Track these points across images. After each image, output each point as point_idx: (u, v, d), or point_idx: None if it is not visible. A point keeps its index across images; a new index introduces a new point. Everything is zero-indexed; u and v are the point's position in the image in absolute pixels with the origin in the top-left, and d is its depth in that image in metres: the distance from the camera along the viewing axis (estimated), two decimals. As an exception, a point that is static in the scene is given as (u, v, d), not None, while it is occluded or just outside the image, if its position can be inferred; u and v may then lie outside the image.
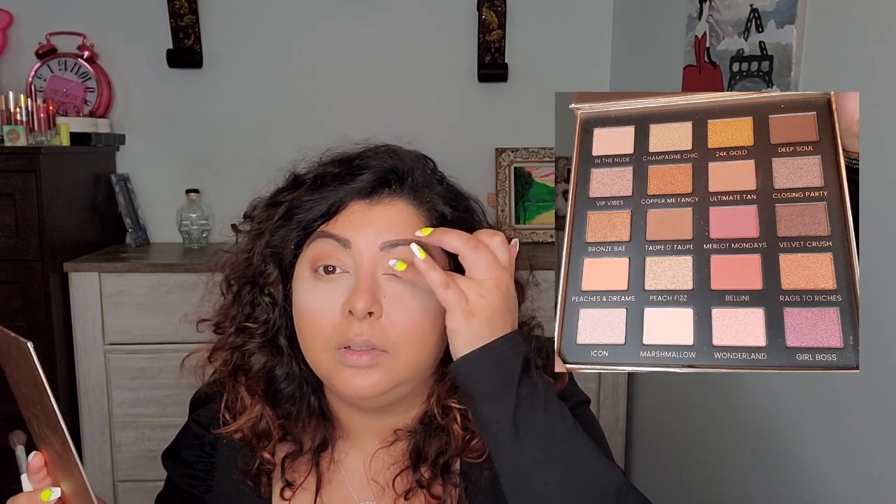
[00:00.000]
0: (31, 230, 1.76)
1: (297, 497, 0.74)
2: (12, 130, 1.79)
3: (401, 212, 0.67)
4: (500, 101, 2.26)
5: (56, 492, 0.64)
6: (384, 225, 0.66)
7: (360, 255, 0.65)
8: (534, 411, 0.60)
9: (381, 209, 0.67)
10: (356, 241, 0.65)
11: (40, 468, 0.64)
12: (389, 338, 0.65)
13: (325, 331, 0.65)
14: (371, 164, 0.68)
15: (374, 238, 0.65)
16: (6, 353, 0.62)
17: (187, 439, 0.80)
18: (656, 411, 1.93)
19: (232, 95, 2.22)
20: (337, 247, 0.66)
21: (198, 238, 2.14)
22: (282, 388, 0.71)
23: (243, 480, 0.74)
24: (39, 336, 1.80)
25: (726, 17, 1.44)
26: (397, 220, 0.66)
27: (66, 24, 2.13)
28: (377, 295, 0.64)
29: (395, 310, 0.65)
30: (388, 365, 0.65)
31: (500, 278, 0.61)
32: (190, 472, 0.79)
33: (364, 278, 0.64)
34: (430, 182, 0.71)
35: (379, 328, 0.64)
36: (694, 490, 1.64)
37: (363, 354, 0.64)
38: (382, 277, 0.65)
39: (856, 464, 1.06)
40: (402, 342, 0.65)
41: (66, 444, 0.58)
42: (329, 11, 2.20)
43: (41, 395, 0.57)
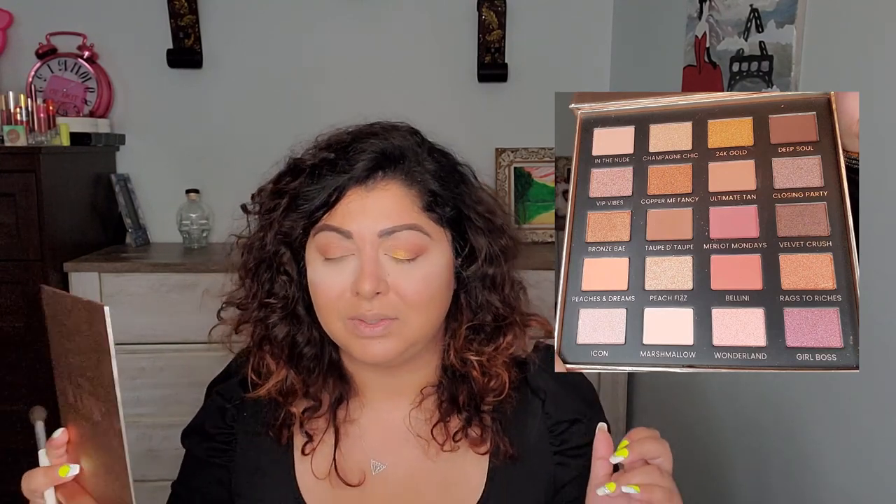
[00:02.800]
0: (31, 230, 1.76)
1: (316, 452, 0.80)
2: (12, 130, 1.79)
3: (394, 196, 0.71)
4: (500, 101, 2.26)
5: (74, 468, 0.64)
6: (380, 213, 0.71)
7: (362, 241, 0.70)
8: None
9: (376, 195, 0.71)
10: (356, 231, 0.70)
11: (62, 444, 0.65)
12: (398, 308, 0.71)
13: (338, 306, 0.72)
14: (364, 149, 0.72)
15: (372, 226, 0.70)
16: (62, 320, 0.62)
17: (210, 412, 0.84)
18: (656, 411, 1.93)
19: (232, 95, 2.22)
20: (340, 237, 0.71)
21: (198, 238, 2.14)
22: (304, 353, 0.78)
23: (266, 434, 0.79)
24: (39, 336, 1.80)
25: (726, 17, 1.44)
26: (392, 206, 0.71)
27: (66, 24, 2.14)
28: (381, 275, 0.70)
29: (399, 284, 0.71)
30: (399, 331, 0.72)
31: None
32: (213, 445, 0.83)
33: (367, 262, 0.70)
34: (420, 158, 0.74)
35: (387, 302, 0.71)
36: (694, 490, 1.64)
37: (376, 326, 0.71)
38: (384, 258, 0.71)
39: (856, 464, 1.06)
40: (410, 309, 0.71)
41: (112, 414, 0.58)
42: (329, 11, 2.20)
43: (99, 362, 0.57)
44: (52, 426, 0.67)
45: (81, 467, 0.65)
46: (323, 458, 0.79)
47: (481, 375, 0.77)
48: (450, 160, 0.78)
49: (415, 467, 0.79)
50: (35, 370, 1.81)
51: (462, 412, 0.77)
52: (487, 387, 0.77)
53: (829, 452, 1.12)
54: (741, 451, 1.41)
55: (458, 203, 0.75)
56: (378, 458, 0.80)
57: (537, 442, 0.80)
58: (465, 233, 0.76)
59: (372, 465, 0.79)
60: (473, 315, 0.77)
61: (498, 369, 0.77)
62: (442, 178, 0.74)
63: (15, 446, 1.83)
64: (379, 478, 0.79)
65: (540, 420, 0.81)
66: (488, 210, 0.78)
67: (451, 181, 0.75)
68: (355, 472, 0.79)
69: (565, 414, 0.80)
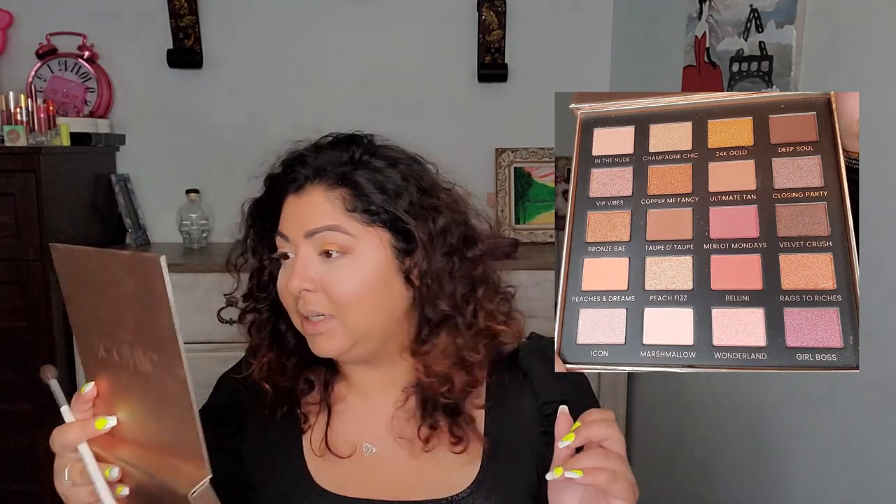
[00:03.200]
0: (31, 230, 1.76)
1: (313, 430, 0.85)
2: (12, 130, 1.79)
3: (317, 201, 0.77)
4: (500, 101, 2.26)
5: (112, 420, 0.65)
6: (305, 216, 0.77)
7: (295, 242, 0.77)
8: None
9: (303, 201, 0.78)
10: (290, 234, 0.78)
11: (91, 399, 0.66)
12: (329, 306, 0.76)
13: (288, 304, 0.79)
14: (302, 162, 0.80)
15: (299, 228, 0.77)
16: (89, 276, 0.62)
17: (221, 391, 0.90)
18: (656, 411, 1.93)
19: (232, 95, 2.22)
20: (282, 239, 0.79)
21: (198, 238, 2.14)
22: (288, 340, 0.85)
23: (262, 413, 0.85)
24: (39, 336, 1.80)
25: (726, 17, 1.44)
26: (314, 210, 0.77)
27: (67, 25, 2.13)
28: (308, 274, 0.76)
29: (327, 282, 0.76)
30: (337, 328, 0.77)
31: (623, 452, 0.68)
32: (222, 430, 0.87)
33: (297, 262, 0.76)
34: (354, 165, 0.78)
35: (318, 300, 0.76)
36: (694, 490, 1.64)
37: (316, 324, 0.77)
38: (316, 256, 0.76)
39: (855, 463, 1.06)
40: (341, 307, 0.76)
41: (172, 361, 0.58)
42: (329, 12, 2.20)
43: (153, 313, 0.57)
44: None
45: (118, 419, 0.65)
46: (318, 436, 0.84)
47: (425, 377, 0.79)
48: (394, 160, 0.80)
49: (407, 453, 0.81)
50: (35, 370, 1.80)
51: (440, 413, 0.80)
52: (437, 391, 0.79)
53: (828, 452, 1.12)
54: (741, 450, 1.41)
55: (388, 204, 0.77)
56: (369, 441, 0.83)
57: (527, 422, 0.83)
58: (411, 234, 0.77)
59: (364, 447, 0.83)
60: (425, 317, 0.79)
61: (442, 371, 0.79)
62: (374, 182, 0.77)
63: (15, 446, 1.84)
64: (374, 458, 0.82)
65: (529, 401, 0.83)
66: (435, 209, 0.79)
67: (386, 186, 0.78)
68: (345, 446, 0.83)
69: (553, 395, 0.82)
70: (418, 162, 0.82)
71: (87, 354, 0.67)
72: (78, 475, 0.64)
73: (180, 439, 0.61)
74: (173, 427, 0.61)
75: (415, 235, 0.77)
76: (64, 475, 0.65)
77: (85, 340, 0.67)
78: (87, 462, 0.63)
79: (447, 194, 0.82)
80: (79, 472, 0.64)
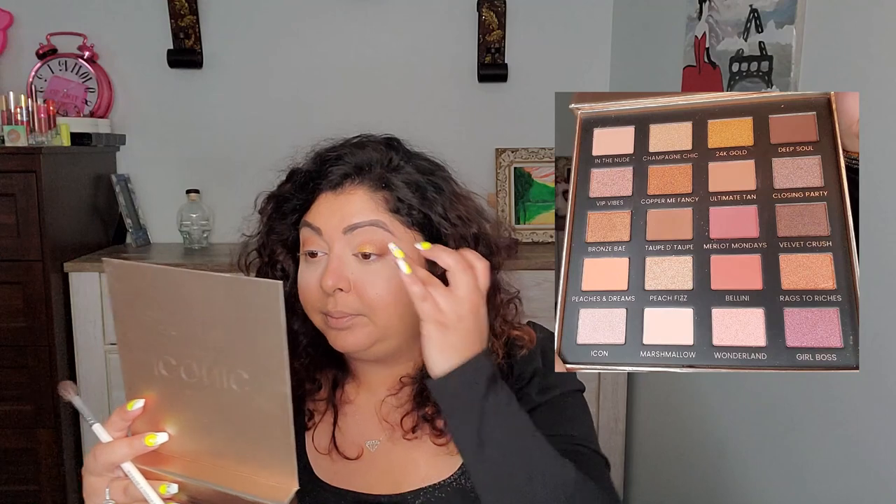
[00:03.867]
0: (31, 230, 1.76)
1: (318, 429, 0.86)
2: (13, 131, 1.79)
3: (360, 199, 0.77)
4: (500, 101, 2.26)
5: (162, 436, 0.65)
6: (346, 212, 0.76)
7: (331, 238, 0.76)
8: (496, 427, 0.68)
9: (343, 198, 0.77)
10: (325, 228, 0.76)
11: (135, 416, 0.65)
12: (360, 307, 0.75)
13: (312, 301, 0.78)
14: (339, 160, 0.79)
15: (339, 224, 0.76)
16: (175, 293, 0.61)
17: None
18: (656, 411, 1.93)
19: (232, 95, 2.22)
20: (314, 233, 0.77)
21: (198, 238, 2.14)
22: (300, 340, 0.84)
23: None
24: (39, 336, 1.80)
25: (726, 17, 1.44)
26: (357, 207, 0.76)
27: (67, 25, 2.14)
28: (344, 273, 0.75)
29: (362, 283, 0.75)
30: (365, 325, 0.76)
31: (475, 300, 0.70)
32: None
33: (332, 259, 0.75)
34: (392, 167, 0.79)
35: (349, 299, 0.75)
36: (694, 490, 1.64)
37: (341, 318, 0.76)
38: (352, 257, 0.76)
39: (855, 463, 1.06)
40: (373, 309, 0.75)
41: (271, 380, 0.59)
42: (329, 12, 2.20)
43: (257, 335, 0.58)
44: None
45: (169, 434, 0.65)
46: (323, 435, 0.85)
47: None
48: (428, 169, 0.81)
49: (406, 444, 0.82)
50: (35, 370, 1.81)
51: (430, 404, 0.80)
52: None
53: (828, 452, 1.12)
54: (741, 451, 1.41)
55: (427, 209, 0.78)
56: (374, 437, 0.84)
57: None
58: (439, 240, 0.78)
59: (368, 444, 0.84)
60: None
61: None
62: (413, 184, 0.78)
63: (15, 446, 1.84)
64: (376, 453, 0.83)
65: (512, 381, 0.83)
66: (464, 219, 0.80)
67: (423, 189, 0.78)
68: (353, 448, 0.83)
69: (527, 367, 0.83)
70: (445, 170, 0.83)
71: (137, 371, 0.66)
72: (121, 494, 0.63)
73: (266, 452, 0.62)
74: (257, 440, 0.62)
75: (448, 242, 0.78)
76: (104, 495, 0.64)
77: (137, 357, 0.65)
78: (138, 480, 0.63)
79: (472, 203, 0.83)
80: (122, 491, 0.63)
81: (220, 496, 0.63)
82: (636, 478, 2.07)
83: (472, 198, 0.84)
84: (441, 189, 0.80)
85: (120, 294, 0.64)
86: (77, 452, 1.92)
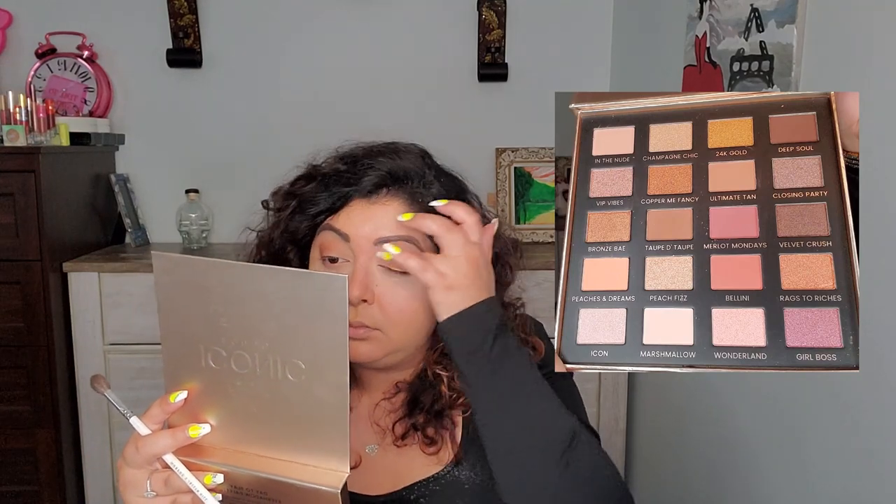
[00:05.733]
0: (30, 230, 1.76)
1: None
2: (12, 130, 1.79)
3: (395, 211, 0.75)
4: (500, 101, 2.26)
5: (206, 427, 0.65)
6: (380, 223, 0.74)
7: (359, 247, 0.74)
8: (504, 366, 0.69)
9: (378, 208, 0.75)
10: (355, 236, 0.74)
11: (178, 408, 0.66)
12: (379, 321, 0.75)
13: None
14: (374, 166, 0.76)
15: (370, 234, 0.74)
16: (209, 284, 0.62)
17: None
18: (656, 411, 1.93)
19: (231, 95, 2.22)
20: (339, 239, 0.75)
21: (197, 238, 2.14)
22: None
23: None
24: (38, 336, 1.80)
25: (726, 16, 1.44)
26: (391, 219, 0.74)
27: (66, 24, 2.13)
28: (370, 284, 0.74)
29: (386, 297, 0.74)
30: (379, 339, 0.76)
31: (471, 254, 0.70)
32: None
33: (359, 269, 0.74)
34: (426, 181, 0.78)
35: (371, 312, 0.74)
36: (694, 490, 1.64)
37: (358, 329, 0.74)
38: (377, 268, 0.74)
39: (855, 463, 1.06)
40: (392, 324, 0.75)
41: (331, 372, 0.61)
42: (329, 11, 2.20)
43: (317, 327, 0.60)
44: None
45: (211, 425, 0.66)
46: None
47: (448, 390, 0.79)
48: (457, 185, 0.81)
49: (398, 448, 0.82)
50: (34, 370, 1.81)
51: (423, 413, 0.80)
52: (454, 402, 0.79)
53: (828, 452, 1.12)
54: (741, 451, 1.41)
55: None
56: (372, 442, 0.84)
57: None
58: None
59: (368, 448, 0.83)
60: None
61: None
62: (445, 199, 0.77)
63: (15, 446, 1.84)
64: (375, 457, 0.83)
65: None
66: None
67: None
68: (353, 455, 0.82)
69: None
70: (467, 187, 0.83)
71: (181, 363, 0.67)
72: (162, 485, 0.63)
73: (320, 440, 0.63)
74: (311, 428, 0.63)
75: None
76: (144, 486, 0.64)
77: (182, 349, 0.66)
78: (182, 471, 0.63)
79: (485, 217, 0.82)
80: (162, 483, 0.63)
81: (266, 484, 0.64)
82: (636, 478, 2.07)
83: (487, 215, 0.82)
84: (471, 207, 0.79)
85: (167, 287, 0.65)
86: (76, 452, 1.92)
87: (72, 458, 1.90)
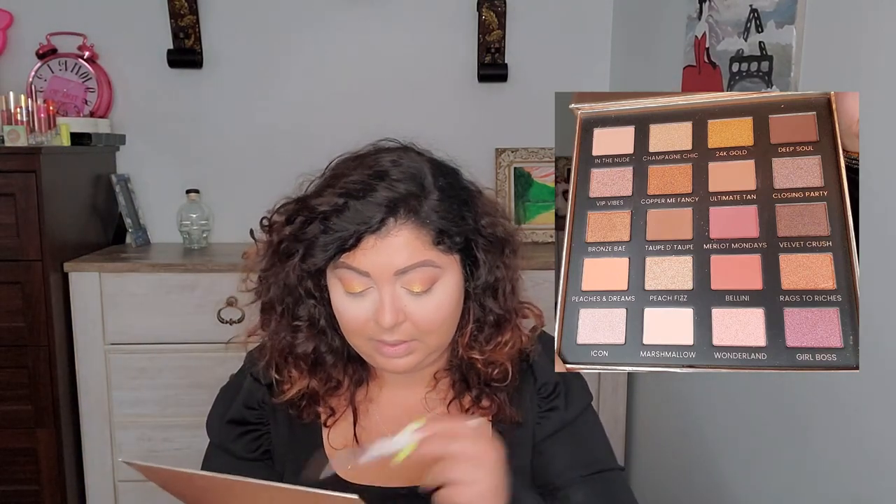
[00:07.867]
0: (31, 230, 1.76)
1: (337, 426, 0.88)
2: (12, 130, 1.79)
3: (406, 239, 0.76)
4: (500, 101, 2.26)
5: None
6: (394, 254, 0.75)
7: (380, 279, 0.76)
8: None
9: (389, 241, 0.76)
10: (373, 271, 0.76)
11: None
12: (414, 333, 0.78)
13: (361, 331, 0.79)
14: (375, 201, 0.75)
15: (387, 266, 0.76)
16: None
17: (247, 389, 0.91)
18: (656, 411, 1.93)
19: (232, 95, 2.22)
20: (359, 276, 0.77)
21: (198, 238, 2.14)
22: (326, 360, 0.86)
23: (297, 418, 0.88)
24: (39, 336, 1.80)
25: (726, 17, 1.44)
26: (404, 248, 0.76)
27: (67, 25, 2.13)
28: (399, 307, 0.77)
29: (417, 313, 0.77)
30: (418, 348, 0.79)
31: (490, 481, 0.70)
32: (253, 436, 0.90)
33: (386, 297, 0.76)
34: (426, 196, 0.77)
35: (406, 329, 0.77)
36: (694, 490, 1.64)
37: (398, 347, 0.78)
38: (401, 290, 0.77)
39: (856, 463, 1.06)
40: (426, 333, 0.78)
41: None
42: (329, 12, 2.20)
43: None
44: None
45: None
46: (342, 432, 0.88)
47: (484, 366, 0.84)
48: (454, 182, 0.82)
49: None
50: (35, 370, 1.81)
51: (472, 389, 0.85)
52: (491, 375, 0.84)
53: (828, 452, 1.12)
54: (741, 451, 1.41)
55: (463, 230, 0.79)
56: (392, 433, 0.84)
57: (529, 404, 0.88)
58: (473, 250, 0.81)
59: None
60: (477, 319, 0.83)
61: (500, 360, 0.84)
62: (448, 210, 0.78)
63: (15, 446, 1.84)
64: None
65: (531, 384, 0.88)
66: (491, 224, 0.82)
67: (456, 211, 0.79)
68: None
69: (550, 377, 0.87)
70: (460, 174, 0.84)
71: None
72: None
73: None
74: None
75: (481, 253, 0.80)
76: None
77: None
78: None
79: (487, 200, 0.85)
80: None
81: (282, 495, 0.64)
82: (636, 478, 2.07)
83: (482, 191, 0.86)
84: (466, 202, 0.81)
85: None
86: (77, 452, 1.92)
87: (72, 457, 1.90)
